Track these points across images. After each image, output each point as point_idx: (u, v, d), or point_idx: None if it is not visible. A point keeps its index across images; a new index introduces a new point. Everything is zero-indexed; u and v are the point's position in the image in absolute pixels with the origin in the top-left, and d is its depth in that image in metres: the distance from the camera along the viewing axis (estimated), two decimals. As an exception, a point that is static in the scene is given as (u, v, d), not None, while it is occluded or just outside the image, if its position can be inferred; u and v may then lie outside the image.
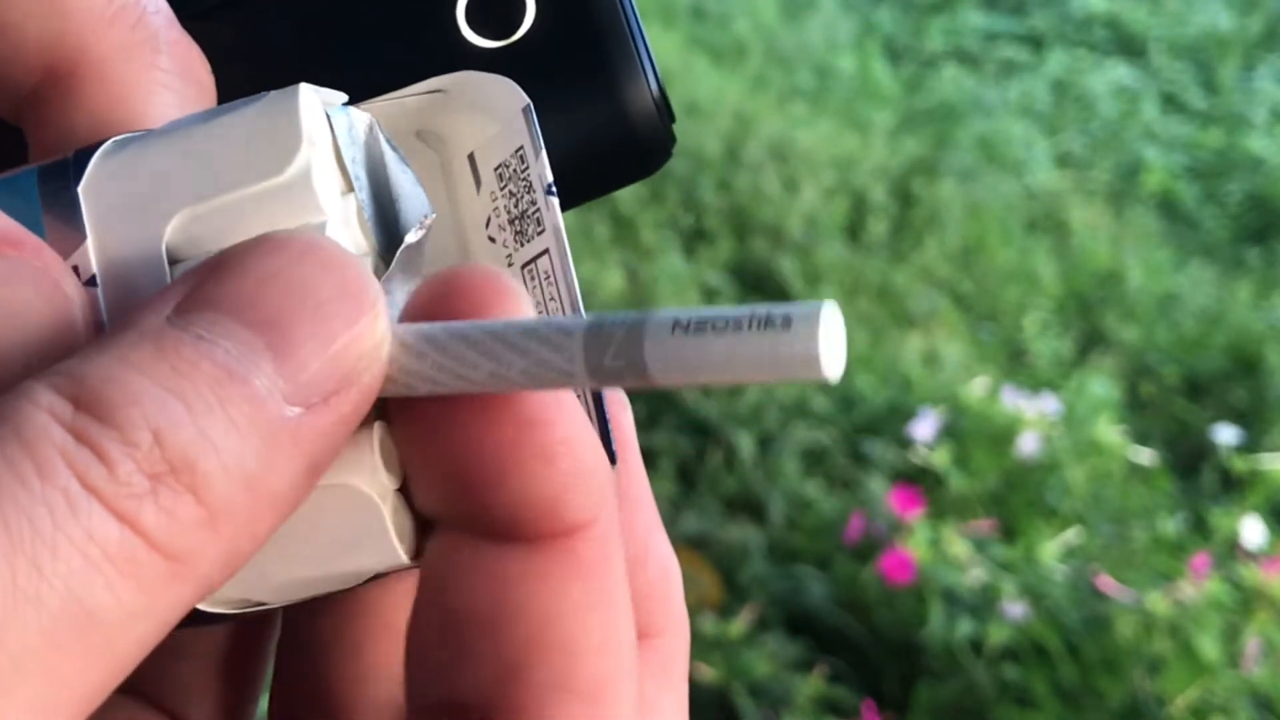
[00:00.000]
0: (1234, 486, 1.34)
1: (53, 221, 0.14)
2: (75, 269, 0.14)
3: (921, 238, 1.86)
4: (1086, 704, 1.07)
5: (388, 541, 0.15)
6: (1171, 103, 2.45)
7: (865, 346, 1.57)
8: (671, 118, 0.18)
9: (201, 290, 0.14)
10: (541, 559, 0.15)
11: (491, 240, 0.17)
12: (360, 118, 0.16)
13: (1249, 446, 1.38)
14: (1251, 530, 1.17)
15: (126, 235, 0.14)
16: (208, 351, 0.13)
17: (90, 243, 0.14)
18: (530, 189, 0.16)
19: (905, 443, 1.31)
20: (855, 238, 1.86)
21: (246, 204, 0.14)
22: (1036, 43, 2.65)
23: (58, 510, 0.12)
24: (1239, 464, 1.30)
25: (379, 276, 0.15)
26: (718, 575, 1.20)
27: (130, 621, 0.12)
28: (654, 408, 1.43)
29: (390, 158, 0.16)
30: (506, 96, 0.16)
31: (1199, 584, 1.09)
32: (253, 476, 0.13)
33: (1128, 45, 2.63)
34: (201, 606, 0.15)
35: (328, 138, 0.15)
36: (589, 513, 0.15)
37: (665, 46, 2.32)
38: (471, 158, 0.17)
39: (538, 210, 0.16)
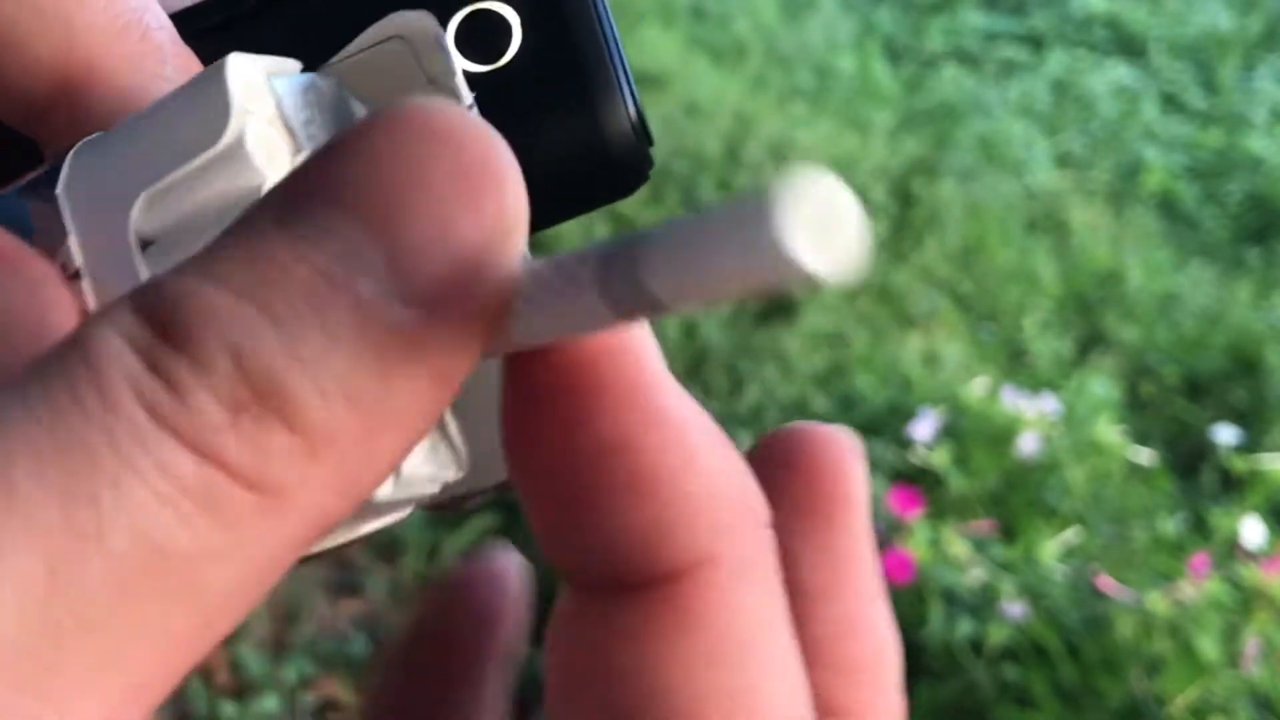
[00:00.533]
0: (1234, 486, 1.34)
1: (41, 224, 0.15)
2: (63, 266, 0.15)
3: (921, 238, 1.86)
4: (1086, 704, 1.07)
5: None
6: (1171, 103, 2.45)
7: (865, 346, 1.57)
8: (649, 141, 0.19)
9: (306, 180, 0.12)
10: (644, 610, 0.13)
11: None
12: (324, 81, 0.16)
13: (1249, 446, 1.38)
14: (1251, 530, 1.17)
15: (101, 226, 0.15)
16: (306, 253, 0.12)
17: (72, 239, 0.15)
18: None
19: (905, 443, 1.31)
20: (855, 238, 1.86)
21: (193, 178, 0.15)
22: (1036, 43, 2.65)
23: (122, 442, 0.11)
24: (1239, 464, 1.31)
25: None
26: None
27: (216, 561, 0.11)
28: (654, 408, 1.43)
29: (358, 110, 0.16)
30: (416, 22, 0.16)
31: (1199, 584, 1.09)
32: (360, 396, 0.12)
33: (1128, 45, 2.63)
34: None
35: (269, 103, 0.15)
36: (699, 551, 0.13)
37: (665, 46, 2.32)
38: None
39: None
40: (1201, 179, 2.21)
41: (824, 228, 0.10)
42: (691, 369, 1.51)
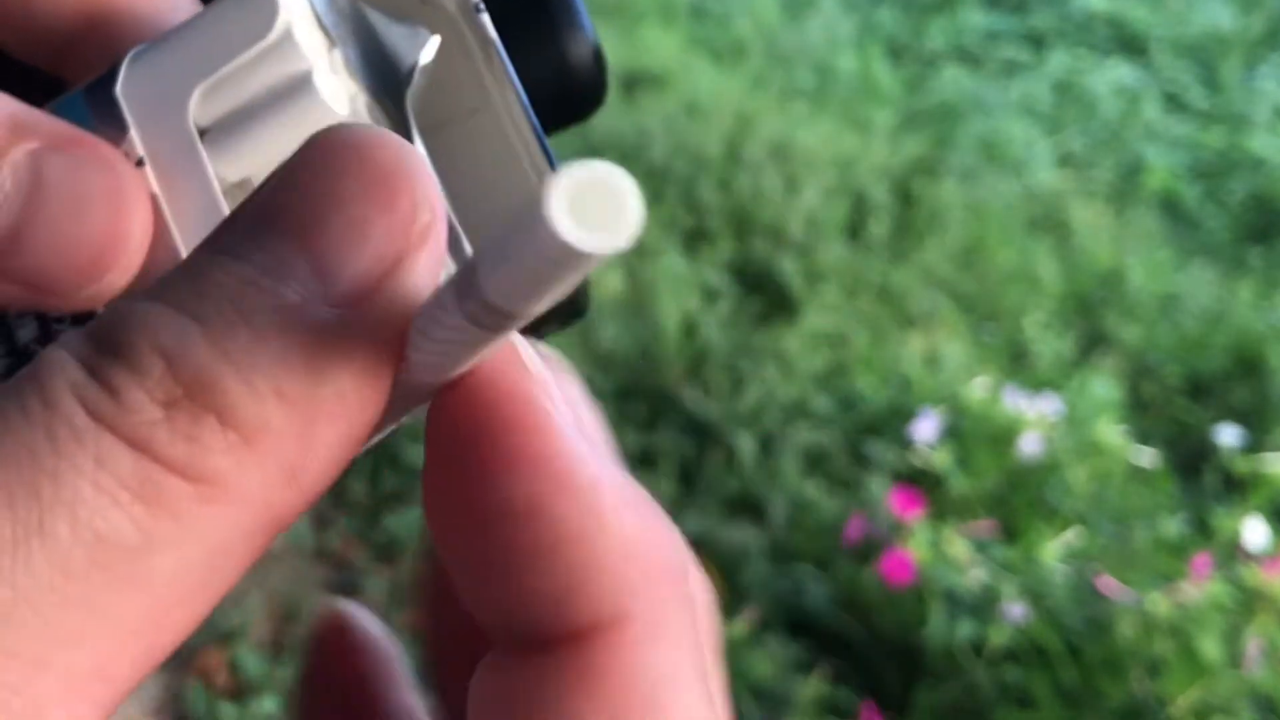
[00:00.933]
0: (1235, 487, 1.34)
1: (100, 125, 0.17)
2: (125, 155, 0.17)
3: (922, 238, 1.86)
4: (1087, 705, 1.07)
5: None
6: (1173, 102, 2.44)
7: (866, 347, 1.57)
8: (605, 68, 0.20)
9: (241, 209, 0.13)
10: (556, 668, 0.13)
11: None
12: None
13: (1251, 447, 1.38)
14: (1253, 531, 1.16)
15: (160, 119, 0.17)
16: (234, 268, 0.13)
17: (134, 132, 0.17)
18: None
19: (906, 443, 1.31)
20: (856, 238, 1.86)
21: (245, 69, 0.17)
22: (1037, 42, 2.65)
23: (61, 439, 0.12)
24: (1241, 465, 1.30)
25: (371, 116, 0.18)
26: (718, 576, 1.20)
27: (160, 549, 0.12)
28: (655, 408, 1.43)
29: (375, 18, 0.18)
30: None
31: (1200, 585, 1.08)
32: (289, 390, 0.12)
33: (1129, 45, 2.63)
34: None
35: (305, 5, 0.17)
36: (609, 610, 0.13)
37: (665, 46, 2.32)
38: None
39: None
40: (1203, 179, 2.21)
41: (595, 207, 0.11)
42: (692, 369, 1.51)
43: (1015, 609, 1.10)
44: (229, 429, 0.12)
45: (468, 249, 0.18)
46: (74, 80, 0.19)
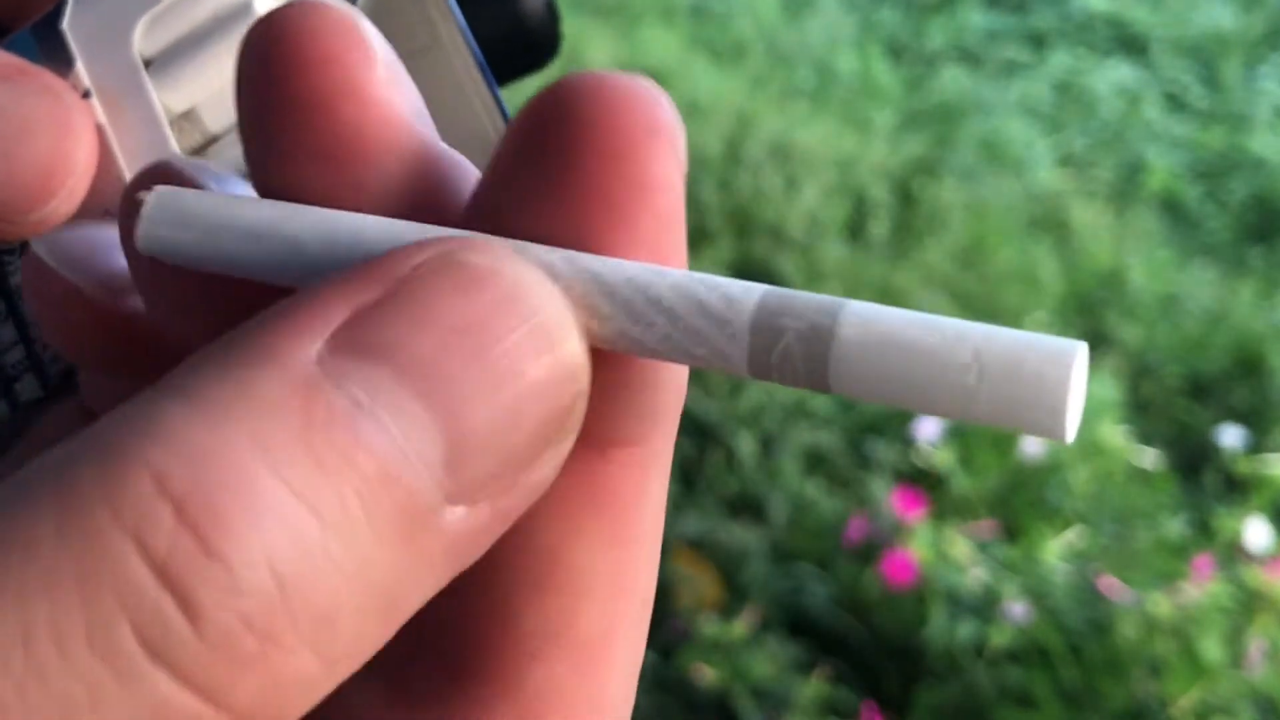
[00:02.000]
0: (1237, 488, 1.34)
1: (47, 60, 0.17)
2: (72, 87, 0.17)
3: (922, 237, 1.86)
4: (1088, 706, 1.07)
5: None
6: (1174, 102, 2.44)
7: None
8: (558, 19, 0.21)
9: (366, 324, 0.11)
10: (563, 479, 0.12)
11: None
12: None
13: (1252, 448, 1.38)
14: (1255, 532, 1.16)
15: (105, 51, 0.17)
16: (367, 435, 0.10)
17: (79, 65, 0.17)
18: None
19: (907, 443, 1.31)
20: (856, 237, 1.86)
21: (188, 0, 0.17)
22: (1038, 42, 2.65)
23: (102, 688, 0.09)
24: (1242, 465, 1.30)
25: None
26: (718, 576, 1.20)
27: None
28: (654, 408, 1.43)
29: None
30: None
31: (1202, 586, 1.08)
32: (389, 603, 0.10)
33: (1130, 44, 2.63)
34: None
35: None
36: (636, 432, 0.13)
37: (665, 46, 2.32)
38: None
39: None
40: (1204, 179, 2.21)
41: (1077, 395, 0.10)
42: (691, 368, 1.51)
43: (1016, 609, 1.10)
44: (319, 661, 0.10)
45: None
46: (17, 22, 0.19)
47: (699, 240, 1.79)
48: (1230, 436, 1.37)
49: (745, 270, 1.74)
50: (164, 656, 0.09)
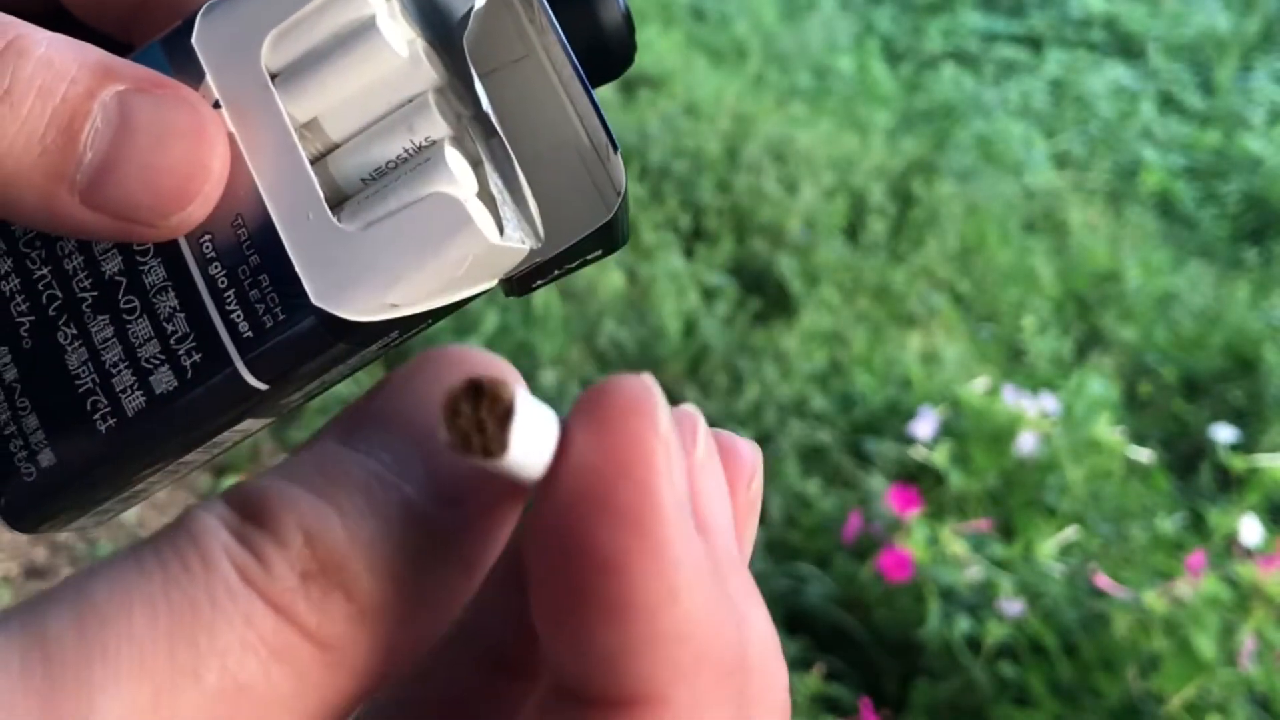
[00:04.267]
0: (1231, 485, 1.34)
1: (178, 73, 0.19)
2: (203, 99, 0.19)
3: (920, 238, 1.86)
4: (1084, 702, 1.07)
5: (474, 229, 0.18)
6: (1170, 103, 2.45)
7: (865, 346, 1.58)
8: (634, 30, 0.22)
9: (364, 408, 0.15)
10: None
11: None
12: None
13: (1246, 446, 1.39)
14: (1249, 529, 1.17)
15: (234, 65, 0.19)
16: (362, 462, 0.14)
17: (210, 78, 0.19)
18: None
19: (905, 441, 1.32)
20: (854, 238, 1.86)
21: (312, 15, 0.19)
22: (1035, 43, 2.65)
23: (218, 597, 0.13)
24: (1237, 463, 1.31)
25: (429, 60, 0.19)
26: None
27: (285, 703, 0.13)
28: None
29: None
30: None
31: (1196, 582, 1.09)
32: (403, 577, 0.14)
33: (1126, 46, 2.63)
34: (346, 315, 0.18)
35: None
36: (654, 686, 0.13)
37: (665, 46, 2.32)
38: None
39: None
40: (1199, 179, 2.22)
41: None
42: (691, 368, 1.52)
43: (1012, 606, 1.10)
44: (352, 604, 0.14)
45: (522, 180, 0.19)
46: (141, 44, 0.20)
47: (698, 240, 1.79)
48: (1225, 434, 1.37)
49: (745, 270, 1.75)
50: (251, 583, 0.13)
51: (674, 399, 1.17)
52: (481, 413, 0.13)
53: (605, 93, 2.07)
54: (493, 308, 1.56)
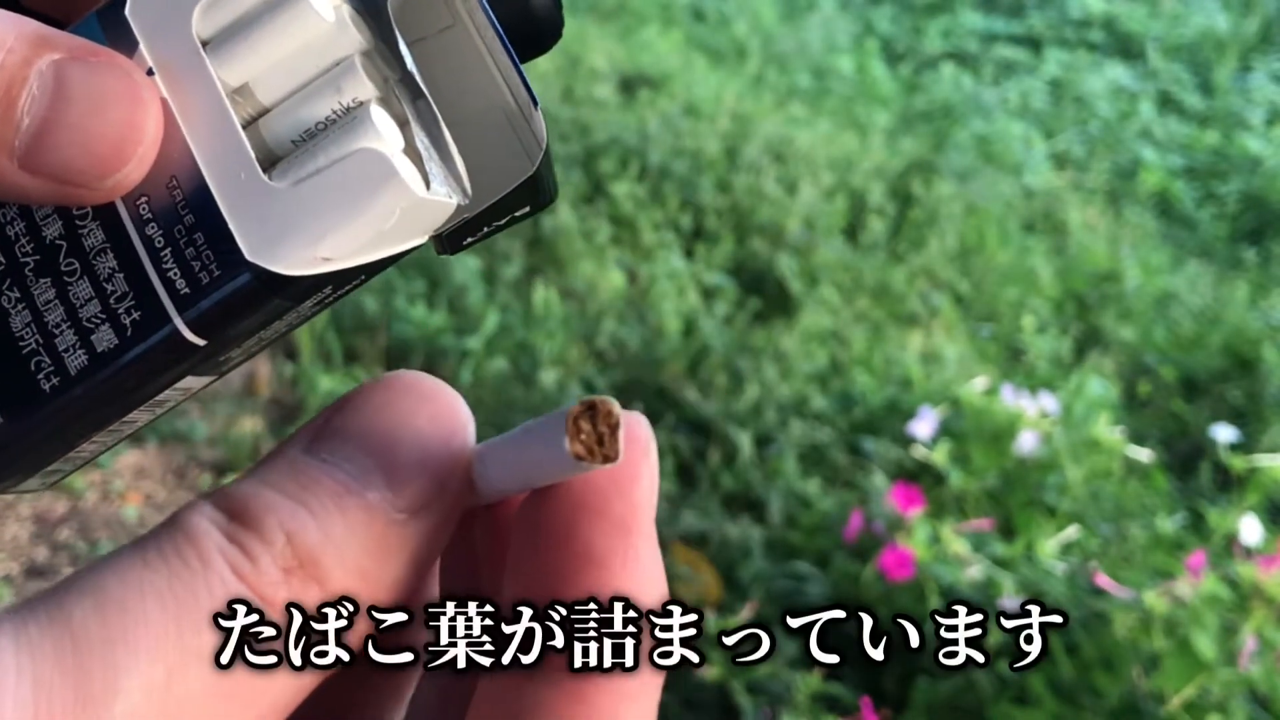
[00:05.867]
0: (1231, 485, 1.34)
1: (114, 43, 0.19)
2: (138, 66, 0.19)
3: (920, 238, 1.87)
4: (1084, 701, 1.07)
5: (399, 182, 0.19)
6: (1169, 103, 2.45)
7: (864, 345, 1.58)
8: (560, 5, 0.22)
9: (329, 423, 0.18)
10: (550, 694, 0.17)
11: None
12: None
13: (1246, 445, 1.39)
14: (1249, 528, 1.17)
15: (166, 33, 0.19)
16: (330, 471, 0.17)
17: (143, 46, 0.19)
18: None
19: (905, 441, 1.32)
20: (854, 238, 1.87)
21: None
22: (1034, 44, 2.66)
23: (215, 589, 0.16)
24: (1236, 463, 1.31)
25: (355, 25, 0.20)
26: (717, 573, 1.21)
27: (273, 677, 0.16)
28: (654, 407, 1.44)
29: None
30: None
31: (1196, 582, 1.09)
32: (366, 571, 0.17)
33: (1125, 46, 2.64)
34: (279, 270, 0.19)
35: None
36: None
37: (665, 47, 2.32)
38: None
39: None
40: (1198, 179, 2.22)
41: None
42: (691, 367, 1.52)
43: (1013, 605, 1.10)
44: (325, 593, 0.17)
45: (448, 138, 0.20)
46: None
47: (698, 240, 1.79)
48: (1224, 434, 1.37)
49: (745, 270, 1.75)
50: (242, 577, 0.16)
51: (674, 399, 1.17)
52: (600, 427, 0.16)
53: (606, 93, 2.07)
54: (493, 308, 1.56)
